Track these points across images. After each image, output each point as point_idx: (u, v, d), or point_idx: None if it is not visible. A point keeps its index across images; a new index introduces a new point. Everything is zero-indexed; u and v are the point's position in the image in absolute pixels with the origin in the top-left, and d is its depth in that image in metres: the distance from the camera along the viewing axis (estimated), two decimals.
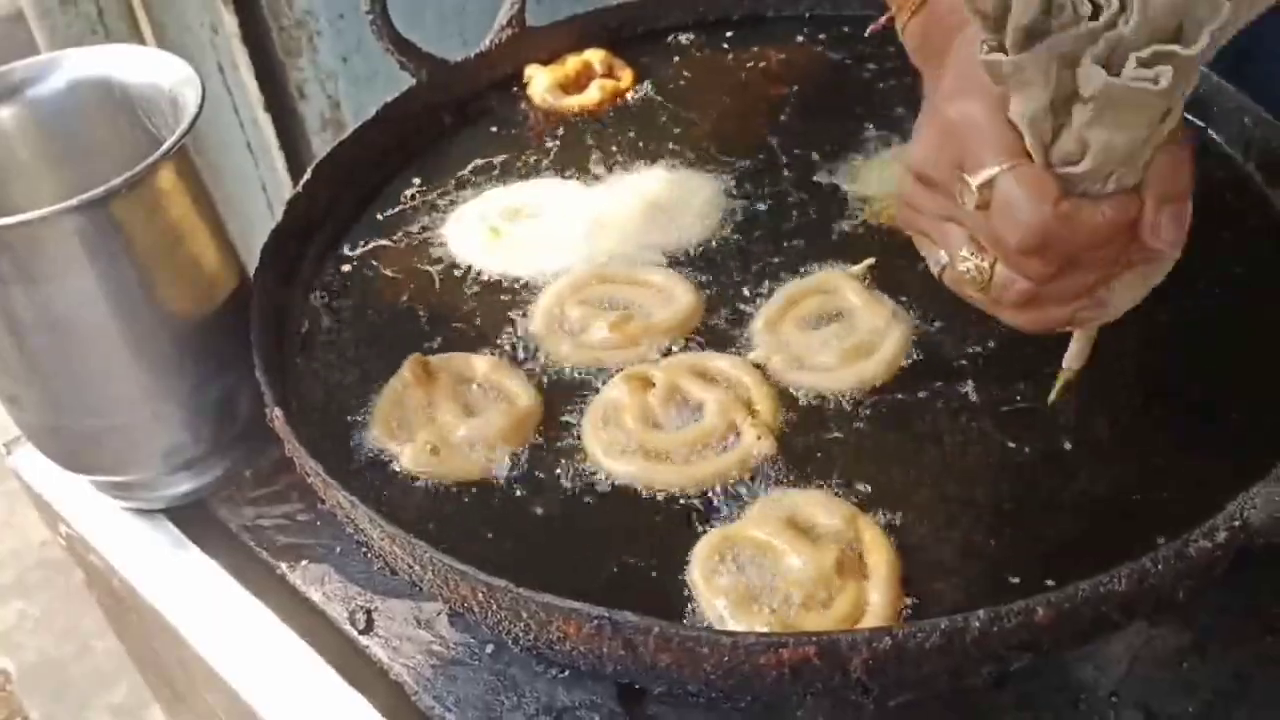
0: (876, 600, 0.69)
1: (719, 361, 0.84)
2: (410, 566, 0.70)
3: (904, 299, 0.87)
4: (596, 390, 0.83)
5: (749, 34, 1.19)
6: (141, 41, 1.55)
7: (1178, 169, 0.60)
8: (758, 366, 0.83)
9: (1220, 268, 0.86)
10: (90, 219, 0.74)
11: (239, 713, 0.81)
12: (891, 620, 0.68)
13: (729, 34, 1.19)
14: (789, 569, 0.70)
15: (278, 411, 0.77)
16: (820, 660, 0.61)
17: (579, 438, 0.80)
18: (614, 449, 0.78)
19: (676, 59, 1.17)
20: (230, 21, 1.49)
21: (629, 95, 1.11)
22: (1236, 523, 0.64)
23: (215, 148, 1.58)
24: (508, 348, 0.88)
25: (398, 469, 0.80)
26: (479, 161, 1.06)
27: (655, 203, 0.98)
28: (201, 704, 0.99)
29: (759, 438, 0.77)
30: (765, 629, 0.67)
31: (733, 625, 0.68)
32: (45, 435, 0.85)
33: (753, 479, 0.77)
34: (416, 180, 1.04)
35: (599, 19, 1.17)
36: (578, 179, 1.03)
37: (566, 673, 0.74)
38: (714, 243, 0.95)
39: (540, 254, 0.95)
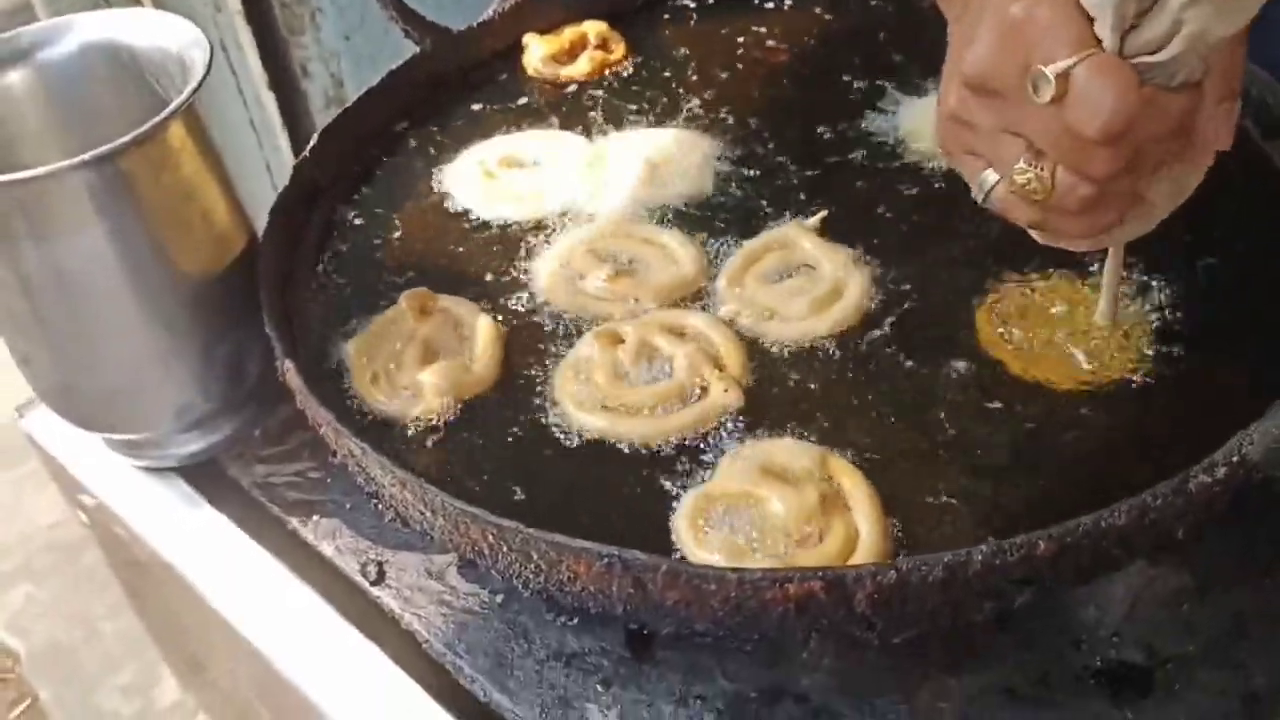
0: (866, 530, 0.71)
1: (689, 318, 0.86)
2: (421, 513, 0.71)
3: (858, 248, 0.90)
4: (574, 340, 0.86)
5: (749, 4, 1.20)
6: None
7: (1238, 67, 0.62)
8: (728, 322, 0.85)
9: (1217, 229, 0.87)
10: (100, 175, 0.75)
11: (256, 666, 0.82)
12: (885, 548, 0.70)
13: (728, 4, 1.20)
14: (774, 515, 0.71)
15: (289, 364, 0.78)
16: (826, 594, 0.62)
17: (553, 391, 0.82)
18: (584, 404, 0.80)
19: (676, 28, 1.18)
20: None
21: (623, 67, 1.12)
22: (1235, 458, 0.65)
23: (219, 126, 1.57)
24: (507, 293, 0.91)
25: (408, 431, 0.82)
26: (482, 116, 1.09)
27: (652, 156, 1.00)
28: (218, 667, 1.00)
29: (726, 391, 0.79)
30: None
31: None
32: (57, 394, 0.86)
33: (721, 432, 0.78)
34: (417, 135, 1.08)
35: None
36: (578, 133, 1.06)
37: (575, 620, 0.75)
38: (710, 198, 0.98)
39: (535, 200, 0.98)
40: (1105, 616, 0.73)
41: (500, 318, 0.88)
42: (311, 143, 0.98)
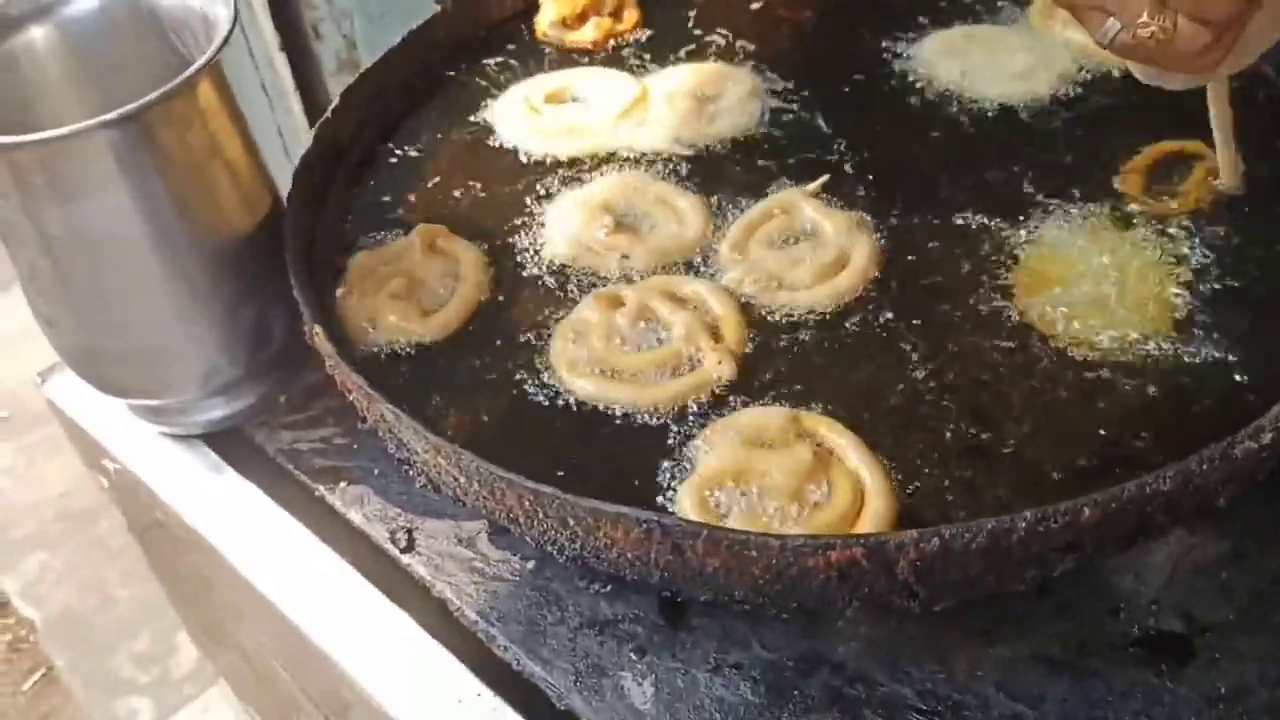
0: (868, 478, 0.70)
1: (692, 285, 0.84)
2: (455, 478, 0.71)
3: (863, 214, 0.89)
4: (571, 303, 0.85)
5: None
6: None
7: None
8: (732, 290, 0.84)
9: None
10: (124, 134, 0.74)
11: (283, 634, 0.81)
12: (888, 487, 0.70)
13: None
14: (775, 484, 0.70)
15: (318, 328, 0.77)
16: (868, 561, 0.62)
17: (549, 352, 0.82)
18: (579, 367, 0.79)
19: None
20: None
21: (633, 35, 1.11)
22: None
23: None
24: (520, 235, 0.91)
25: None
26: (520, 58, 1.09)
27: (696, 90, 1.01)
28: (242, 632, 0.99)
29: (719, 362, 0.78)
30: None
31: None
32: (81, 357, 0.85)
33: (712, 401, 0.77)
34: (456, 78, 1.08)
35: None
36: (631, 63, 1.07)
37: (609, 586, 0.75)
38: (750, 138, 0.98)
39: (579, 136, 0.99)
40: (1143, 585, 0.73)
41: (506, 264, 0.89)
42: (334, 103, 0.96)
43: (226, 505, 0.86)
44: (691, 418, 0.77)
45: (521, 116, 1.02)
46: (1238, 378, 0.75)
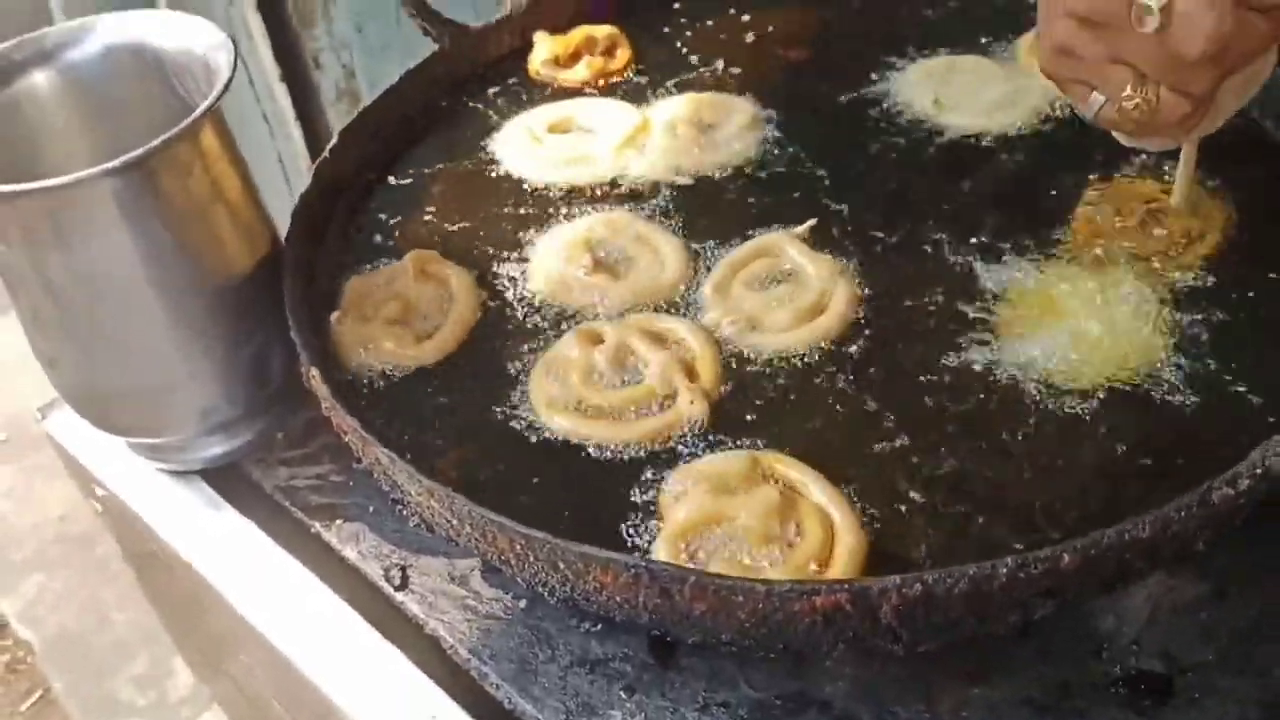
0: (836, 514, 0.71)
1: (671, 323, 0.85)
2: (448, 520, 0.72)
3: (844, 258, 0.89)
4: (551, 336, 0.86)
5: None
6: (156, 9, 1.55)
7: None
8: (710, 330, 0.85)
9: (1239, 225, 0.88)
10: (127, 181, 0.75)
11: (278, 668, 0.82)
12: (856, 521, 0.71)
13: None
14: (747, 527, 0.71)
15: (314, 370, 0.78)
16: (852, 606, 0.63)
17: (528, 386, 0.83)
18: (556, 403, 0.80)
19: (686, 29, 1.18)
20: None
21: (624, 75, 1.12)
22: (1259, 470, 0.66)
23: (231, 118, 1.58)
24: (508, 264, 0.93)
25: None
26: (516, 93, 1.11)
27: (695, 120, 1.04)
28: (236, 665, 1.00)
29: (691, 401, 0.79)
30: None
31: None
32: (82, 397, 0.86)
33: (684, 441, 0.78)
34: (465, 106, 1.10)
35: None
36: (635, 93, 1.09)
37: (599, 625, 0.76)
38: (747, 167, 1.00)
39: (580, 165, 1.01)
40: (1125, 625, 0.74)
41: (497, 292, 0.91)
42: (332, 143, 0.98)
43: (223, 542, 0.87)
44: (664, 456, 0.78)
45: (524, 146, 1.04)
46: (1221, 416, 0.76)
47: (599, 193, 0.99)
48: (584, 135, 1.05)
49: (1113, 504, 0.72)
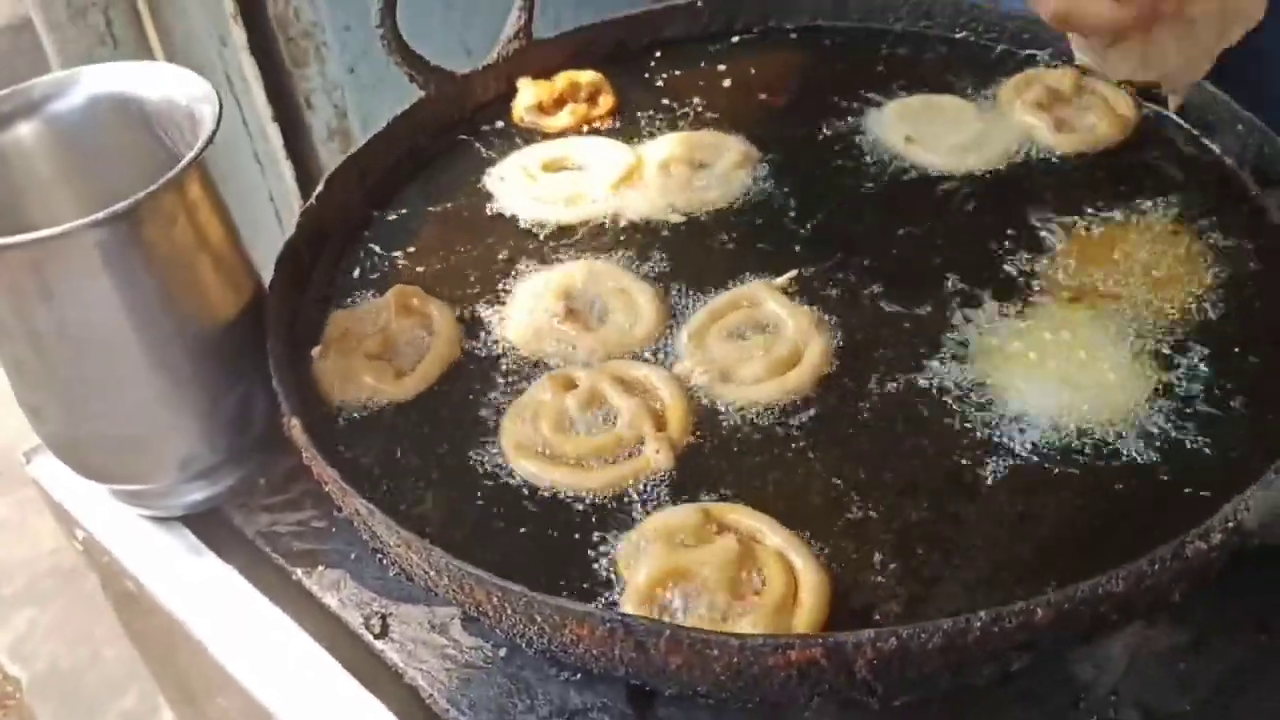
0: (796, 559, 0.71)
1: (644, 371, 0.85)
2: (426, 572, 0.72)
3: (826, 311, 0.89)
4: (524, 381, 0.87)
5: (754, 45, 1.21)
6: (150, 54, 1.57)
7: None
8: (683, 379, 0.85)
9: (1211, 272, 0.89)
10: (112, 232, 0.76)
11: (256, 715, 0.82)
12: (823, 568, 0.71)
13: (733, 44, 1.22)
14: (710, 579, 0.71)
15: (295, 420, 0.78)
16: (827, 660, 0.63)
17: (499, 428, 0.83)
18: (523, 448, 0.81)
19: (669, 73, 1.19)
20: (238, 33, 1.51)
21: (607, 122, 1.12)
22: (1231, 524, 0.66)
23: (223, 157, 1.59)
24: (489, 307, 0.94)
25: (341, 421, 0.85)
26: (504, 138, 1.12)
27: (688, 158, 1.05)
28: (214, 708, 1.00)
29: (657, 451, 0.79)
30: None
31: None
32: (65, 445, 0.86)
33: (647, 490, 0.78)
34: (463, 143, 1.12)
35: (603, 31, 1.19)
36: (618, 139, 1.10)
37: (578, 675, 0.76)
38: (738, 206, 1.01)
39: (574, 204, 1.02)
40: (1103, 675, 0.74)
41: (477, 332, 0.91)
42: (317, 189, 0.99)
43: (203, 589, 0.87)
44: (630, 504, 0.77)
45: (519, 184, 1.04)
46: (1201, 467, 0.76)
47: (591, 232, 1.00)
48: (578, 174, 1.06)
49: (1085, 558, 0.71)
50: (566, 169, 1.07)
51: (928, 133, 1.05)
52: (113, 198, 0.75)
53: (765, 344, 0.86)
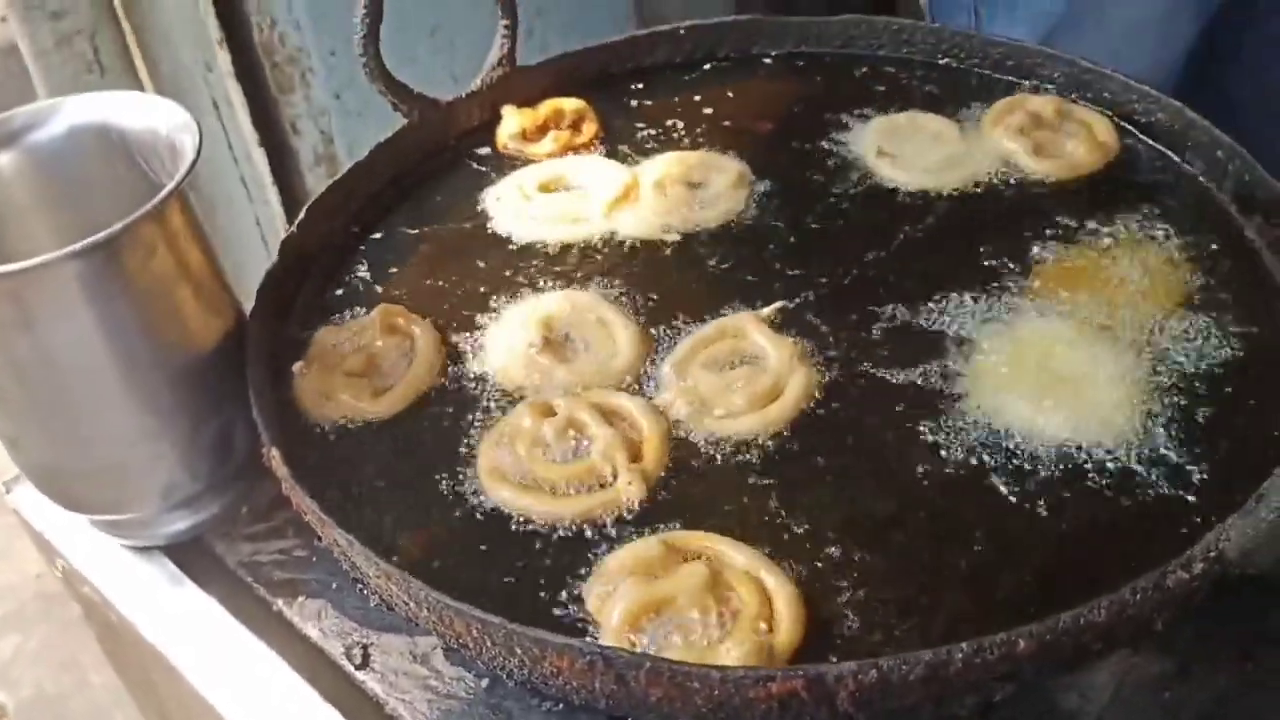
0: (765, 576, 0.72)
1: (624, 400, 0.85)
2: (406, 603, 0.72)
3: (810, 340, 0.89)
4: (502, 407, 0.86)
5: (738, 71, 1.22)
6: (136, 80, 1.57)
7: None
8: (663, 410, 0.84)
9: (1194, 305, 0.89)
10: (92, 263, 0.75)
11: None
12: (793, 584, 0.71)
13: (712, 71, 1.22)
14: (685, 607, 0.70)
15: (274, 451, 0.78)
16: (808, 692, 0.63)
17: (475, 452, 0.83)
18: (497, 472, 0.81)
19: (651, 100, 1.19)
20: (224, 59, 1.51)
21: (591, 150, 1.12)
22: (1212, 553, 0.66)
23: (209, 183, 1.59)
24: (471, 335, 0.93)
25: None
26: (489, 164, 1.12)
27: (683, 178, 1.06)
28: None
29: (629, 483, 0.78)
30: (738, 660, 0.67)
31: None
32: (44, 475, 0.86)
33: (620, 519, 0.78)
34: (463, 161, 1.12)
35: (586, 58, 1.19)
36: (616, 158, 1.11)
37: (560, 706, 0.76)
38: (732, 226, 1.01)
39: (570, 224, 1.02)
40: (1088, 704, 0.74)
41: (460, 355, 0.91)
42: (299, 218, 0.98)
43: (184, 618, 0.86)
44: (601, 534, 0.77)
45: (515, 204, 1.05)
46: (1190, 496, 0.76)
47: (584, 254, 1.00)
48: (574, 194, 1.06)
49: (1071, 586, 0.71)
50: (563, 189, 1.07)
51: (906, 150, 1.06)
52: (93, 227, 0.75)
53: (748, 376, 0.86)
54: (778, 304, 0.91)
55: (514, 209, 1.04)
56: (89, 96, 0.88)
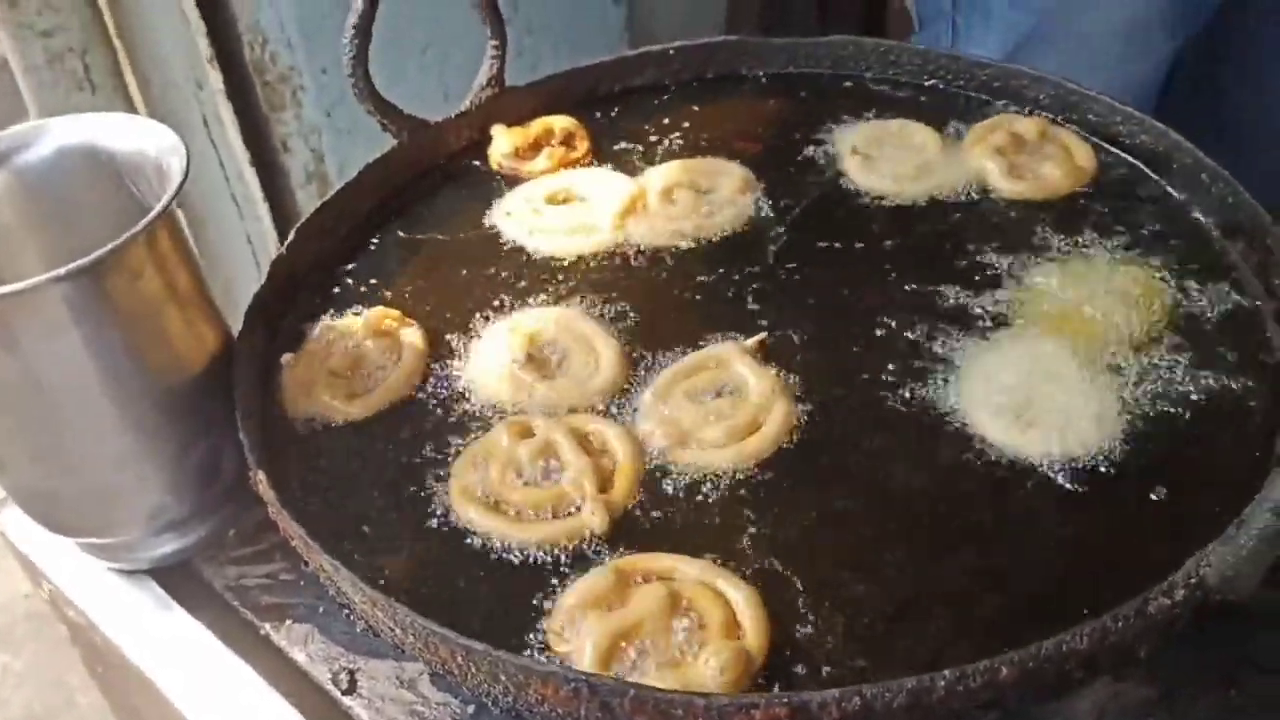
0: (720, 584, 0.73)
1: (602, 427, 0.84)
2: (392, 629, 0.72)
3: (793, 375, 0.88)
4: (481, 422, 0.87)
5: (727, 90, 1.22)
6: (127, 97, 1.57)
7: None
8: (641, 439, 0.84)
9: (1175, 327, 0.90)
10: (77, 287, 0.75)
11: None
12: (749, 586, 0.72)
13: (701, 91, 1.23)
14: (652, 630, 0.71)
15: (261, 475, 0.78)
16: (791, 719, 0.63)
17: (451, 470, 0.83)
18: (468, 492, 0.81)
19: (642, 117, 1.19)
20: (215, 78, 1.52)
21: (585, 164, 1.13)
22: (1193, 580, 0.66)
23: (201, 201, 1.59)
24: (461, 343, 0.94)
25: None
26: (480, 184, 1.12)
27: (691, 185, 1.07)
28: None
29: (593, 514, 0.78)
30: (718, 670, 0.68)
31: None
32: (31, 498, 0.86)
33: (581, 550, 0.77)
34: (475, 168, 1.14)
35: (576, 78, 1.20)
36: (620, 169, 1.12)
37: None
38: (740, 234, 1.03)
39: (581, 235, 1.04)
40: None
41: (444, 365, 0.92)
42: (288, 239, 0.99)
43: (171, 642, 0.86)
44: (565, 563, 0.77)
45: (525, 218, 1.05)
46: (1158, 519, 0.77)
47: (586, 267, 1.01)
48: (582, 205, 1.07)
49: (1047, 610, 0.71)
50: (571, 201, 1.08)
51: (883, 154, 1.08)
52: (81, 249, 0.75)
53: (728, 407, 0.85)
54: (761, 334, 0.91)
55: (524, 222, 1.05)
56: (77, 118, 0.88)
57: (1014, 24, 1.37)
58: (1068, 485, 0.79)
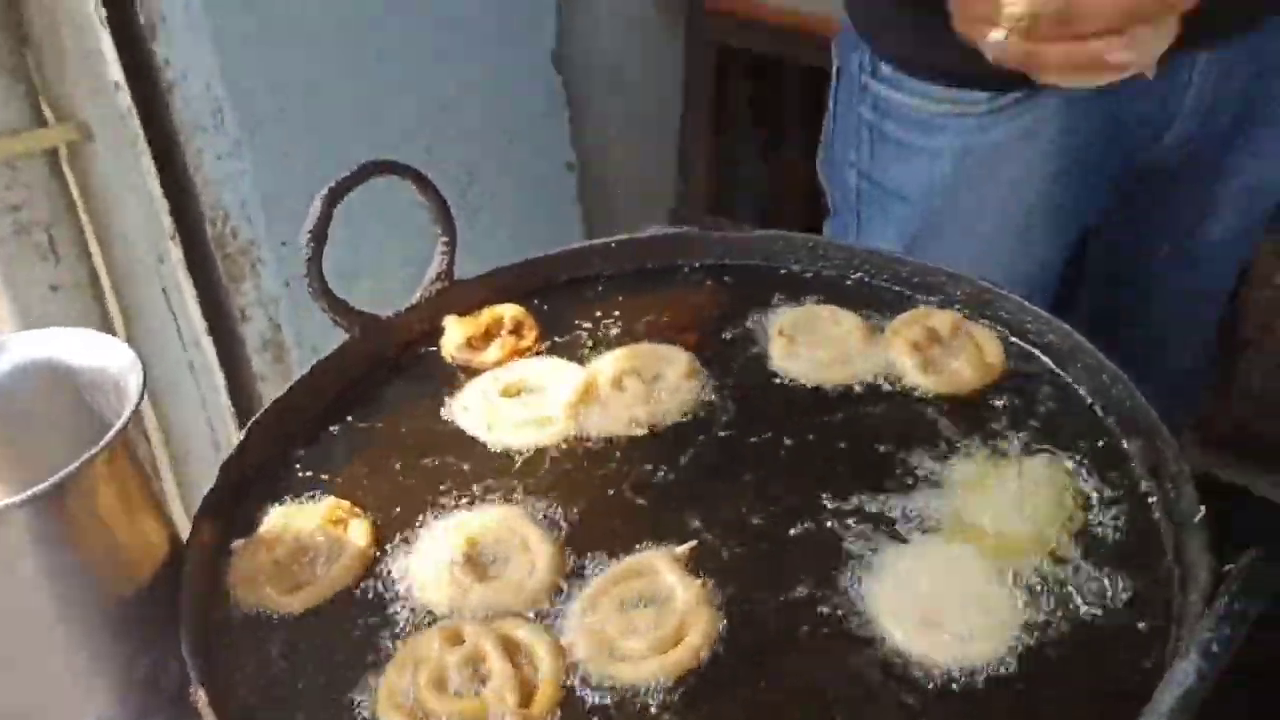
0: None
1: (530, 636, 0.86)
2: None
3: (724, 584, 0.90)
4: (414, 623, 0.90)
5: (662, 280, 1.29)
6: (91, 267, 1.62)
7: None
8: (566, 649, 0.86)
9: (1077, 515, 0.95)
10: (37, 510, 0.78)
11: None
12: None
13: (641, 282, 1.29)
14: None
15: (201, 691, 0.80)
16: None
17: (383, 674, 0.85)
18: (393, 698, 0.83)
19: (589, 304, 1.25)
20: (175, 251, 1.57)
21: (534, 352, 1.18)
22: None
23: (157, 367, 1.64)
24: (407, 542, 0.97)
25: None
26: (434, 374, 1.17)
27: (638, 372, 1.11)
28: None
29: None
30: None
31: None
32: None
33: None
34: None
35: (524, 270, 1.26)
36: (569, 358, 1.16)
37: None
38: (688, 418, 1.07)
39: (535, 428, 1.07)
40: None
41: (390, 563, 0.95)
42: (240, 438, 1.02)
43: None
44: None
45: (482, 411, 1.09)
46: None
47: (544, 460, 1.04)
48: (536, 396, 1.11)
49: None
50: (524, 392, 1.12)
51: (807, 339, 1.14)
52: (36, 462, 0.78)
53: (653, 618, 0.87)
54: (692, 543, 0.94)
55: (481, 417, 1.08)
56: (37, 333, 0.92)
57: (907, 219, 1.48)
58: (970, 690, 0.82)
